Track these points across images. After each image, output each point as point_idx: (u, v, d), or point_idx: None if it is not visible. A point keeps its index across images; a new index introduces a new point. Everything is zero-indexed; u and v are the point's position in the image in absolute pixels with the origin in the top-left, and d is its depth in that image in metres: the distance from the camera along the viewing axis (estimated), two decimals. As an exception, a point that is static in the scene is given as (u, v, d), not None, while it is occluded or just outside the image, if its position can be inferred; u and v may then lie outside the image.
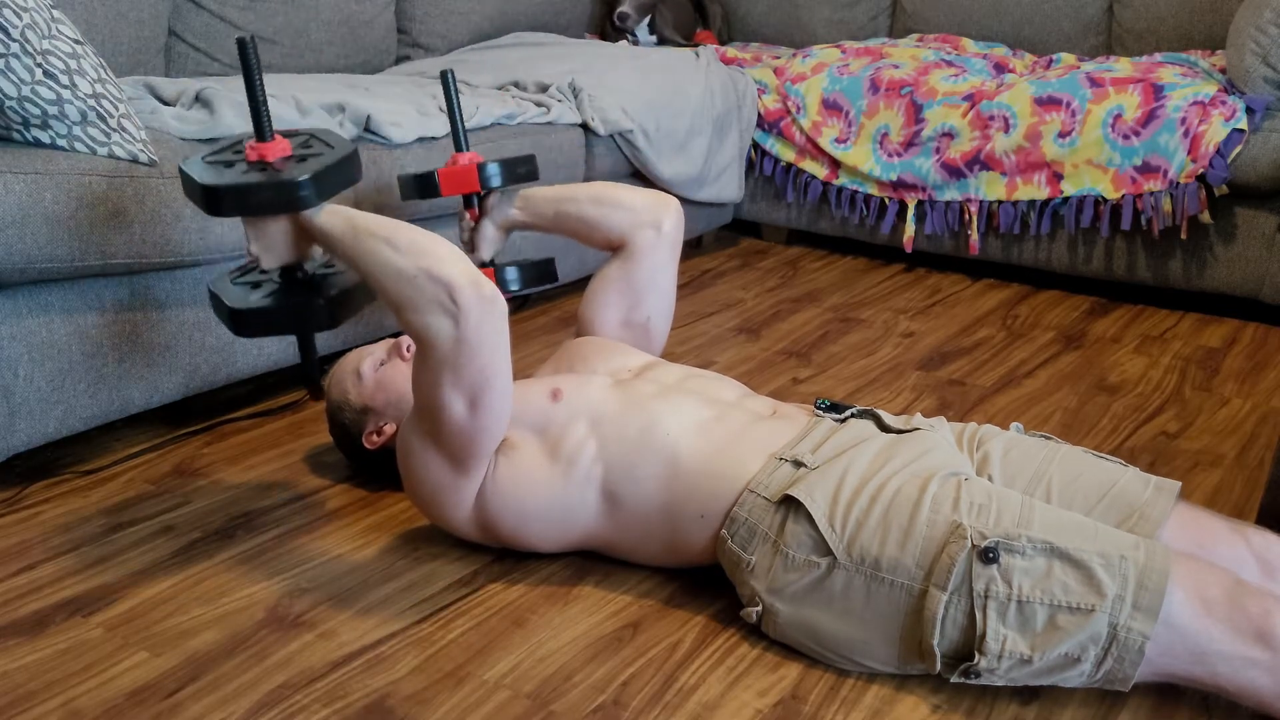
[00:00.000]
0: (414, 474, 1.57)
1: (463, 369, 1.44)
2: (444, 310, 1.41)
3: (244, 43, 1.48)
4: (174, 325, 1.94)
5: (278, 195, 1.47)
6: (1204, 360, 2.53)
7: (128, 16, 2.48)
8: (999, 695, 1.39)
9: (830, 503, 1.41)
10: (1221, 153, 2.64)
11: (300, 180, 1.46)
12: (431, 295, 1.40)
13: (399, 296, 1.43)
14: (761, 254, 3.34)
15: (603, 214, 1.82)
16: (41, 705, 1.35)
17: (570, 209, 1.83)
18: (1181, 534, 1.42)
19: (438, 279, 1.40)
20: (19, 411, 1.76)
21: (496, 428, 1.51)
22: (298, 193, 1.46)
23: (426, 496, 1.58)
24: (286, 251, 1.54)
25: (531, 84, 2.81)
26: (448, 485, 1.55)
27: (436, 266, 1.41)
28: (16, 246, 1.66)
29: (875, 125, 3.09)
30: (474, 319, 1.41)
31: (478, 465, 1.54)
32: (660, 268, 1.84)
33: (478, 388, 1.46)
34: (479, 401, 1.47)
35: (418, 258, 1.42)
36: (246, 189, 1.46)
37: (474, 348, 1.43)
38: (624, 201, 1.82)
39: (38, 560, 1.65)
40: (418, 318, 1.42)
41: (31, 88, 1.68)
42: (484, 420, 1.49)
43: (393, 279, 1.43)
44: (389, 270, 1.43)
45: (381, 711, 1.35)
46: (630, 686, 1.40)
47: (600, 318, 1.84)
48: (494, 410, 1.49)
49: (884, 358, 2.51)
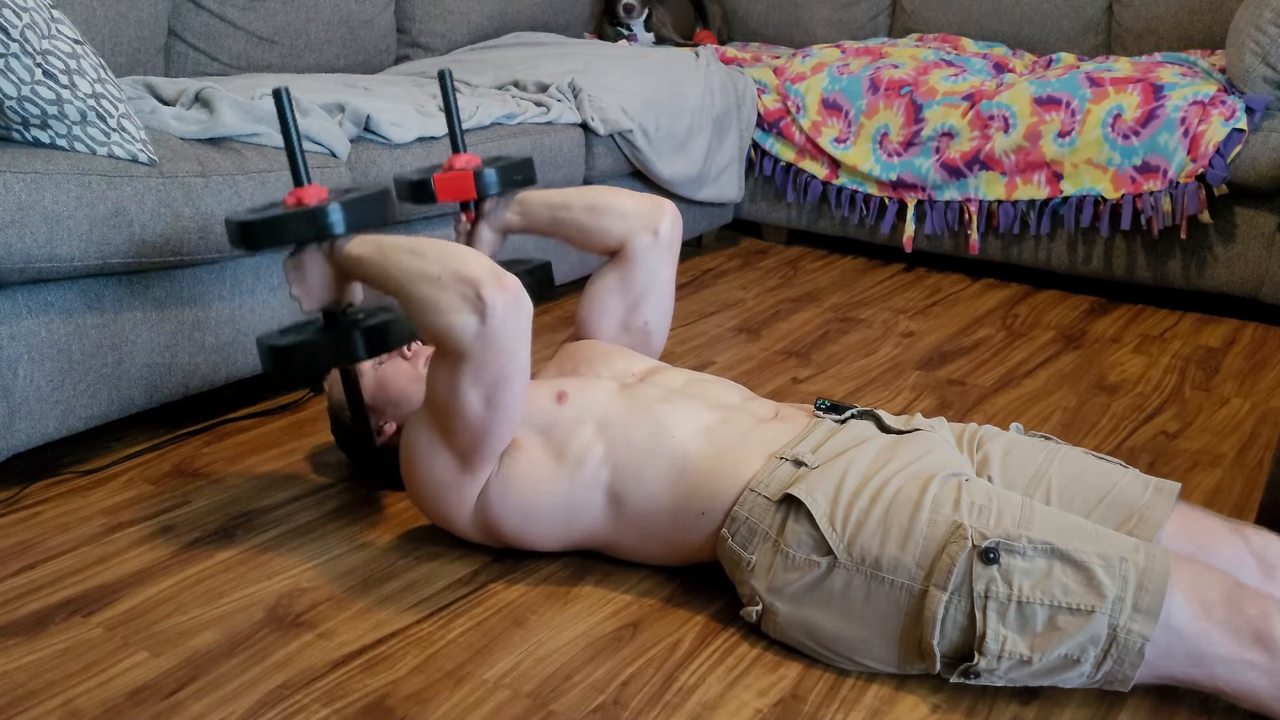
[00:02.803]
0: (418, 471, 1.57)
1: (485, 364, 1.44)
2: (470, 306, 1.41)
3: (279, 94, 1.55)
4: (174, 325, 1.94)
5: (307, 223, 1.52)
6: (1204, 360, 2.53)
7: (128, 16, 2.48)
8: (998, 695, 1.40)
9: (831, 502, 1.41)
10: (1221, 152, 2.64)
11: (328, 207, 1.52)
12: (457, 292, 1.41)
13: (424, 299, 1.43)
14: (761, 254, 3.34)
15: (598, 222, 1.81)
16: (41, 705, 1.35)
17: (565, 216, 1.83)
18: (1181, 534, 1.42)
19: (464, 277, 1.41)
20: (19, 411, 1.76)
21: (509, 425, 1.52)
22: (326, 219, 1.52)
23: (430, 495, 1.58)
24: (324, 292, 1.58)
25: (531, 84, 2.81)
26: (452, 484, 1.55)
27: (463, 266, 1.42)
28: (16, 246, 1.66)
29: (875, 125, 3.10)
30: (499, 313, 1.41)
31: (484, 464, 1.54)
32: (657, 272, 1.84)
33: (497, 383, 1.46)
34: (496, 397, 1.47)
35: (444, 261, 1.44)
36: (276, 220, 1.53)
37: (498, 343, 1.43)
38: (619, 208, 1.82)
39: (38, 560, 1.65)
40: (442, 318, 1.42)
41: (31, 88, 1.68)
42: (499, 417, 1.49)
43: (419, 283, 1.44)
44: (415, 275, 1.44)
45: (381, 711, 1.35)
46: (630, 686, 1.40)
47: (598, 322, 1.84)
48: (509, 407, 1.49)
49: (884, 357, 2.51)
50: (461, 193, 1.83)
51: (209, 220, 1.90)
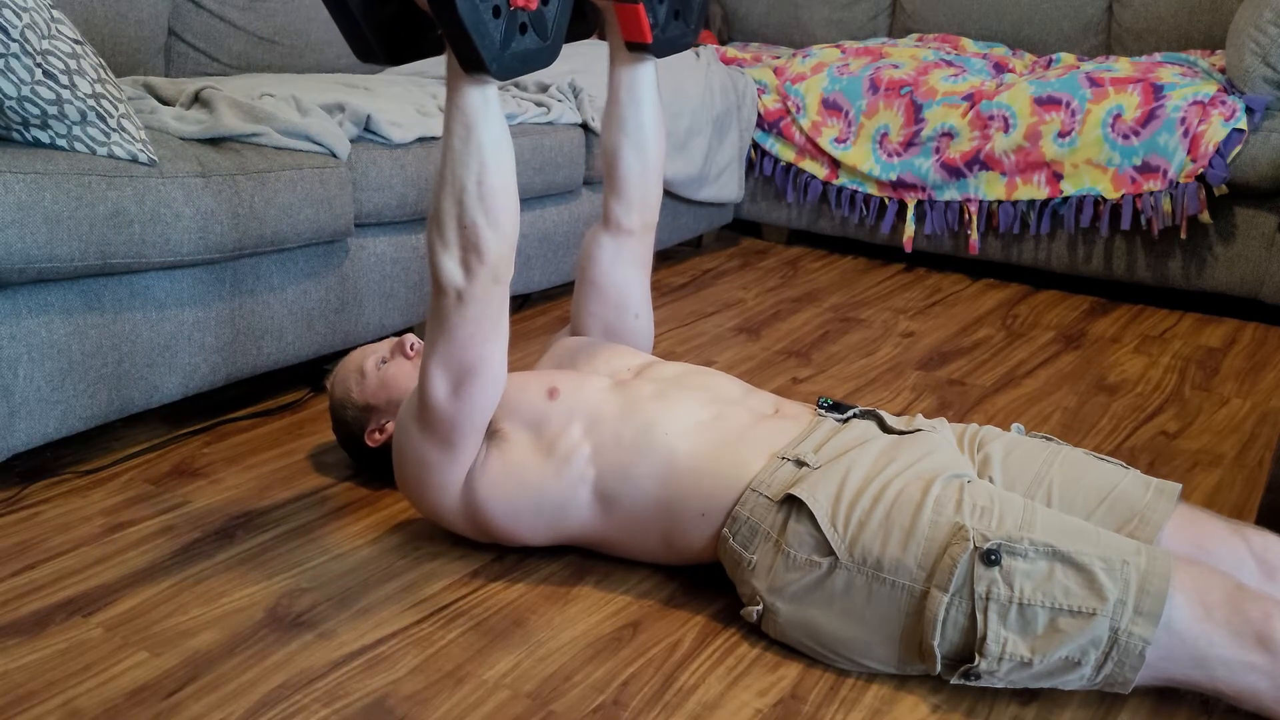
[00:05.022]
0: (403, 452, 1.57)
1: (455, 336, 1.44)
2: (463, 264, 1.40)
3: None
4: (174, 325, 1.94)
5: (462, 44, 1.31)
6: (1204, 360, 2.53)
7: (128, 16, 2.48)
8: (998, 696, 1.39)
9: (832, 502, 1.41)
10: (1221, 152, 2.65)
11: (485, 59, 1.31)
12: (463, 247, 1.39)
13: (444, 216, 1.39)
14: (761, 254, 3.34)
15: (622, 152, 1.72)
16: (41, 705, 1.35)
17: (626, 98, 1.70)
18: (1181, 535, 1.42)
19: (477, 244, 1.38)
20: (19, 411, 1.76)
21: (479, 418, 1.51)
22: (476, 63, 1.32)
23: (412, 476, 1.57)
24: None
25: (531, 84, 2.81)
26: (430, 463, 1.54)
27: (486, 232, 1.38)
28: (16, 246, 1.66)
29: (875, 125, 3.10)
30: (479, 289, 1.41)
31: (461, 448, 1.53)
32: (632, 267, 1.78)
33: (464, 371, 1.46)
34: (462, 387, 1.47)
35: (483, 210, 1.37)
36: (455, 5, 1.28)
37: (472, 315, 1.42)
38: (649, 160, 1.74)
39: (38, 560, 1.65)
40: (441, 250, 1.41)
41: (31, 88, 1.68)
42: (464, 407, 1.48)
43: (451, 203, 1.38)
44: (456, 193, 1.38)
45: (381, 711, 1.35)
46: (630, 686, 1.40)
47: (586, 326, 1.82)
48: (475, 400, 1.49)
49: (884, 357, 2.51)
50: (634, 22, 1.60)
51: (209, 220, 1.90)
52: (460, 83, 1.36)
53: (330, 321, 2.20)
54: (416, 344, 1.76)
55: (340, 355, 2.23)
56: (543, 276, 2.69)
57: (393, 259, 2.30)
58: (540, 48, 1.42)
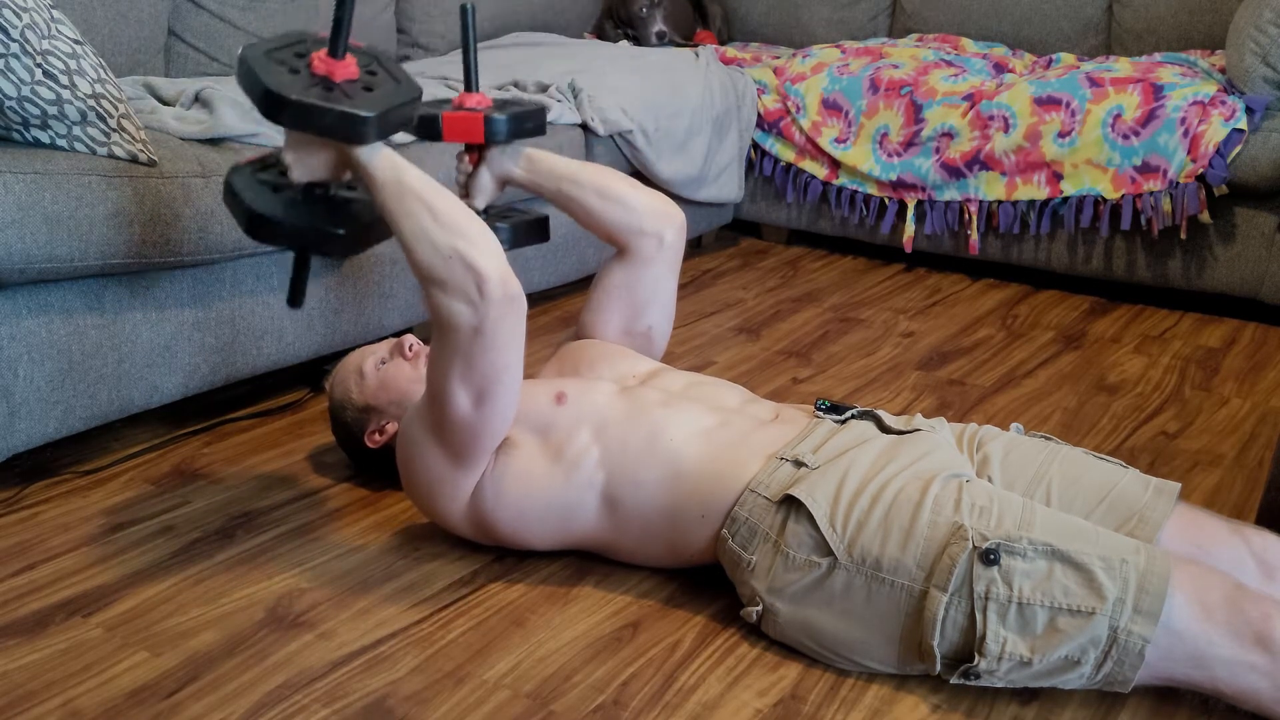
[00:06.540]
0: (412, 463, 1.57)
1: (475, 361, 1.44)
2: (468, 299, 1.41)
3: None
4: (174, 325, 1.94)
5: (340, 124, 1.43)
6: (1204, 360, 2.53)
7: (128, 16, 2.48)
8: (998, 695, 1.40)
9: (831, 503, 1.41)
10: (1221, 152, 2.64)
11: (367, 117, 1.42)
12: (460, 280, 1.41)
13: (428, 267, 1.42)
14: (761, 254, 3.34)
15: (604, 209, 1.79)
16: (41, 705, 1.35)
17: (574, 192, 1.78)
18: (1181, 535, 1.42)
19: (470, 266, 1.40)
20: (19, 411, 1.76)
21: (500, 426, 1.51)
22: (361, 128, 1.43)
23: (422, 488, 1.58)
24: (321, 171, 1.53)
25: (531, 84, 2.81)
26: (445, 478, 1.55)
27: (470, 252, 1.41)
28: (16, 246, 1.66)
29: (875, 125, 3.09)
30: (494, 315, 1.42)
31: (477, 460, 1.54)
32: (662, 280, 1.83)
33: (487, 383, 1.46)
34: (485, 398, 1.47)
35: (454, 236, 1.41)
36: (311, 109, 1.42)
37: (489, 342, 1.43)
38: (627, 199, 1.79)
39: (38, 560, 1.65)
40: (443, 296, 1.42)
41: (31, 88, 1.68)
42: (488, 418, 1.49)
43: (426, 249, 1.42)
44: (424, 239, 1.42)
45: (381, 711, 1.35)
46: (630, 686, 1.40)
47: (602, 327, 1.83)
48: (499, 409, 1.49)
49: (884, 358, 2.51)
50: (469, 135, 1.74)
51: (209, 220, 1.90)
52: (358, 158, 1.46)
53: (330, 321, 2.20)
54: (415, 344, 1.76)
55: (340, 355, 2.23)
56: (542, 277, 2.69)
57: (392, 259, 2.30)
58: (395, 88, 1.52)
